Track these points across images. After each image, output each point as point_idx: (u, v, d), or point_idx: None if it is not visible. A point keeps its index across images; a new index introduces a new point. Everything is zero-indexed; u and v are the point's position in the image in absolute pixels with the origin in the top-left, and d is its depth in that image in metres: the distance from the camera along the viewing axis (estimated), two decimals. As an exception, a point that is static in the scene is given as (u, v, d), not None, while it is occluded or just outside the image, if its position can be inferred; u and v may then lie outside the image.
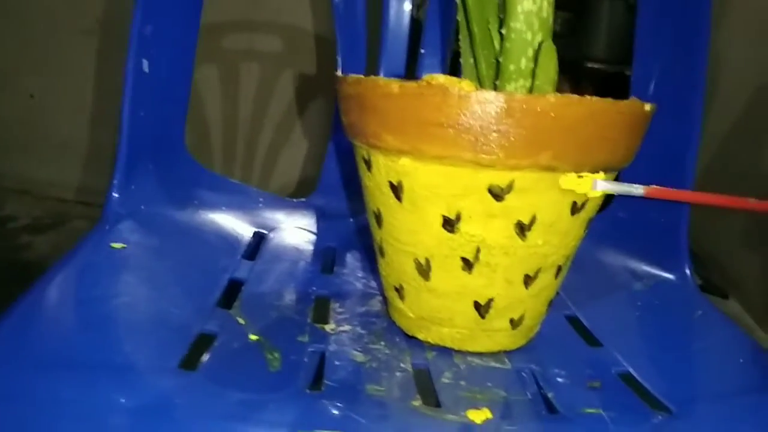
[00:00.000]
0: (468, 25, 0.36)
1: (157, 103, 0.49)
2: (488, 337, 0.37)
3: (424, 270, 0.36)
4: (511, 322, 0.37)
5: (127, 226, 0.44)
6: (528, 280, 0.36)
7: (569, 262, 0.37)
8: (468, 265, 0.35)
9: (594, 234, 0.49)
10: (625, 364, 0.37)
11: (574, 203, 0.34)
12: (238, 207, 0.52)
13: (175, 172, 0.51)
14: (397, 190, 0.35)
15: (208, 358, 0.32)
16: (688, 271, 0.48)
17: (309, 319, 0.39)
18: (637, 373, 0.36)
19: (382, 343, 0.37)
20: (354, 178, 0.60)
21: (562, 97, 0.31)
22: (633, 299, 0.47)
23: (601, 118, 0.32)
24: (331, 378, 0.32)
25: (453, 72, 0.39)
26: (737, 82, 1.15)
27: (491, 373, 0.36)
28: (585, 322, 0.43)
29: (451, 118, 0.31)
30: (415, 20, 0.62)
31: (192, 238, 0.47)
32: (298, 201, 0.57)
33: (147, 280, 0.39)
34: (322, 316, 0.40)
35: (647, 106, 0.34)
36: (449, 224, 0.34)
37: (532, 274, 0.35)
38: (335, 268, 0.48)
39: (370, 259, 0.50)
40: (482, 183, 0.32)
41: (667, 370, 0.37)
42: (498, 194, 0.32)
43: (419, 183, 0.34)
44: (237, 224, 0.51)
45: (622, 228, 0.52)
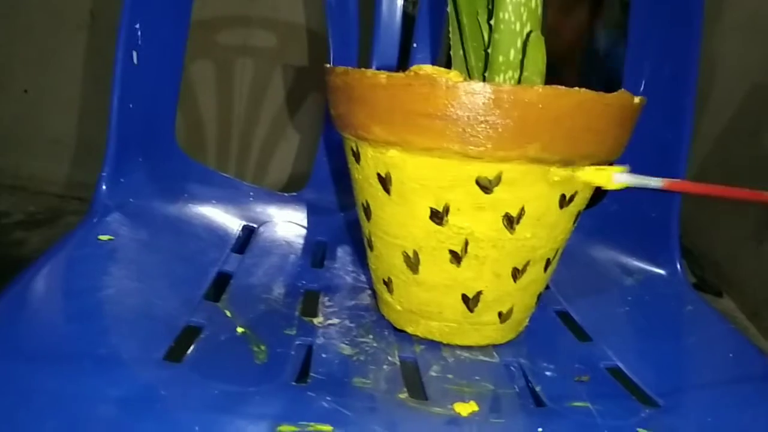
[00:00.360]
0: (457, 16, 0.36)
1: (146, 96, 0.48)
2: (477, 331, 0.37)
3: (413, 263, 0.36)
4: (500, 315, 0.37)
5: (116, 219, 0.44)
6: (516, 273, 0.35)
7: (558, 255, 0.37)
8: (456, 258, 0.35)
9: (585, 229, 0.49)
10: (614, 359, 0.37)
11: (563, 196, 0.34)
12: (228, 201, 0.52)
13: (165, 165, 0.50)
14: (385, 182, 0.35)
15: (194, 350, 0.32)
16: (678, 267, 0.48)
17: (297, 312, 0.39)
18: (625, 367, 0.36)
19: (371, 336, 0.37)
20: (345, 172, 0.60)
21: (550, 88, 0.31)
22: (623, 294, 0.47)
23: (589, 109, 0.32)
24: (318, 371, 0.32)
25: (447, 66, 0.39)
26: (731, 79, 1.15)
27: (479, 367, 0.35)
28: (575, 317, 0.43)
29: (439, 109, 0.31)
30: (407, 15, 0.62)
31: (181, 231, 0.46)
32: (289, 195, 0.57)
33: (134, 273, 0.39)
34: (311, 310, 0.40)
35: (636, 99, 0.34)
36: (437, 216, 0.34)
37: (521, 268, 0.35)
38: (325, 262, 0.48)
39: (361, 254, 0.50)
40: (470, 175, 0.32)
41: (656, 364, 0.37)
42: (486, 186, 0.32)
43: (407, 175, 0.34)
44: (227, 218, 0.51)
45: (613, 223, 0.52)
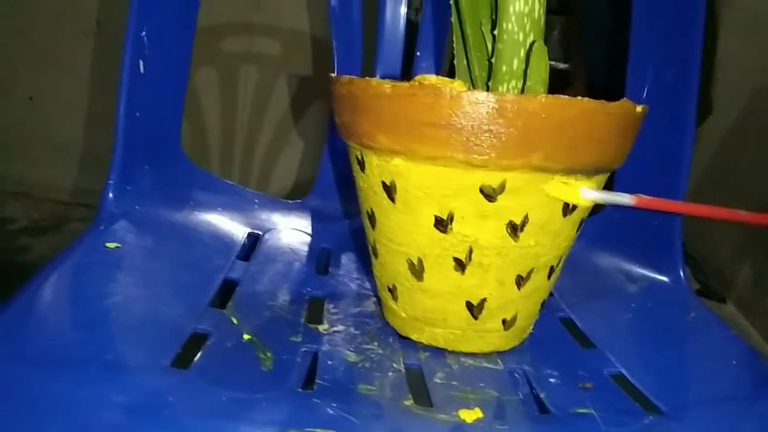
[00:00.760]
0: (461, 26, 0.36)
1: (153, 104, 0.49)
2: (481, 338, 0.37)
3: (417, 270, 0.36)
4: (504, 322, 0.37)
5: (122, 226, 0.44)
6: (520, 281, 0.36)
7: (561, 263, 0.37)
8: (460, 266, 0.35)
9: (588, 236, 0.50)
10: (618, 366, 0.38)
11: (566, 204, 0.34)
12: (233, 208, 0.53)
13: (171, 173, 0.51)
14: (390, 191, 0.35)
15: (201, 357, 0.32)
16: (682, 274, 0.48)
17: (303, 320, 0.39)
18: (629, 374, 0.36)
19: (376, 343, 0.38)
20: (350, 180, 0.60)
21: (553, 97, 0.31)
22: (627, 301, 0.48)
23: (591, 118, 0.32)
24: (324, 377, 0.32)
25: (450, 75, 0.39)
26: (736, 83, 1.15)
27: (484, 374, 0.36)
28: (578, 324, 0.43)
29: (443, 119, 0.31)
30: (411, 23, 0.62)
31: (187, 238, 0.47)
32: (294, 202, 0.57)
33: (141, 280, 0.39)
34: (316, 317, 0.40)
35: (638, 108, 0.34)
36: (442, 224, 0.34)
37: (525, 275, 0.36)
38: (330, 269, 0.48)
39: (365, 261, 0.50)
40: (474, 183, 0.33)
41: (660, 372, 0.38)
42: (490, 195, 0.33)
43: (412, 183, 0.34)
44: (232, 225, 0.51)
45: (616, 230, 0.52)
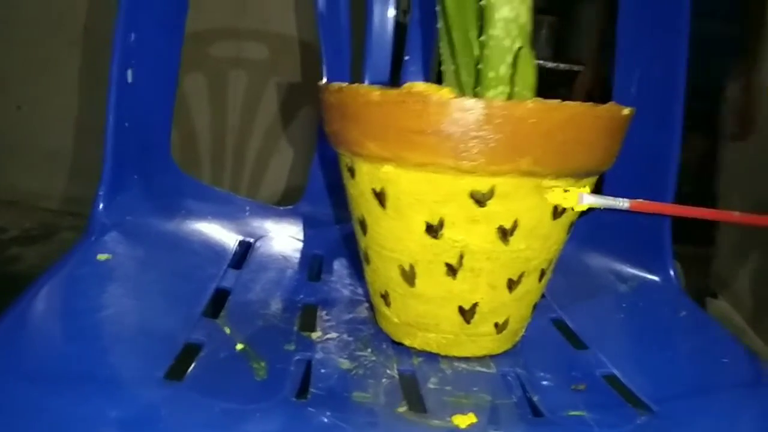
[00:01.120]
0: (448, 32, 0.37)
1: (141, 113, 0.49)
2: (473, 342, 0.37)
3: (409, 276, 0.36)
4: (496, 326, 0.37)
5: (113, 237, 0.44)
6: (511, 285, 0.36)
7: (552, 265, 0.38)
8: (452, 271, 0.35)
9: (579, 237, 0.50)
10: (610, 366, 0.38)
11: (556, 208, 0.34)
12: (224, 216, 0.53)
13: (161, 182, 0.51)
14: (380, 197, 0.35)
15: (195, 368, 0.32)
16: (672, 273, 0.49)
17: (296, 327, 0.39)
18: (621, 375, 0.37)
19: (369, 349, 0.38)
20: (340, 185, 0.60)
21: (540, 102, 0.31)
22: (618, 301, 0.48)
23: (580, 122, 0.33)
24: (317, 386, 0.33)
25: (439, 79, 0.39)
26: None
27: (477, 378, 0.36)
28: (570, 325, 0.44)
29: (432, 126, 0.31)
30: (401, 26, 0.62)
31: (178, 247, 0.47)
32: (285, 209, 0.57)
33: (133, 291, 0.39)
34: (309, 324, 0.40)
35: (625, 110, 0.34)
36: (432, 230, 0.34)
37: (516, 279, 0.36)
38: (322, 276, 0.48)
39: (357, 267, 0.50)
40: (464, 189, 0.33)
41: (651, 371, 0.38)
42: (480, 200, 0.33)
43: (402, 190, 0.34)
44: (223, 233, 0.51)
45: (606, 231, 0.52)
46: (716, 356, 0.41)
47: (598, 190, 0.37)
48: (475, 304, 0.36)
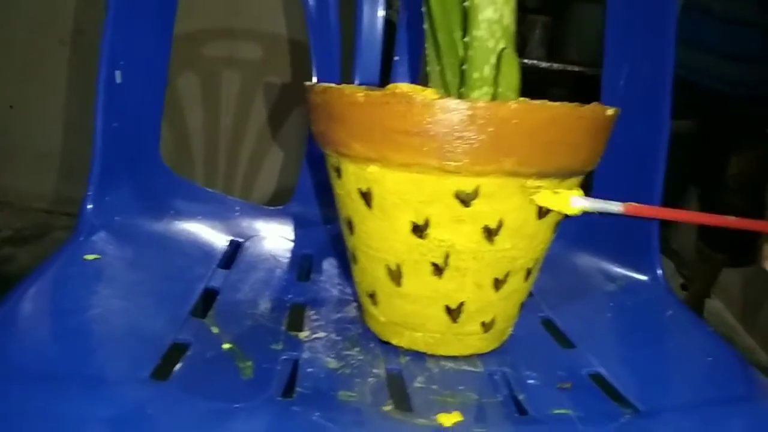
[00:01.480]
0: (434, 33, 0.37)
1: (130, 114, 0.49)
2: (460, 341, 0.38)
3: (396, 276, 0.36)
4: (483, 325, 0.37)
5: (102, 238, 0.44)
6: (498, 284, 0.36)
7: (539, 264, 0.38)
8: (438, 270, 0.35)
9: (567, 236, 0.50)
10: (596, 365, 0.38)
11: (540, 208, 0.35)
12: (214, 216, 0.53)
13: (150, 183, 0.51)
14: (366, 198, 0.35)
15: (181, 368, 0.32)
16: (659, 272, 0.49)
17: (283, 327, 0.39)
18: (607, 373, 0.37)
19: (356, 349, 0.38)
20: (330, 185, 0.60)
21: (524, 103, 0.32)
22: (606, 300, 0.48)
23: (563, 123, 0.33)
24: (304, 385, 0.33)
25: (426, 79, 0.40)
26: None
27: (463, 377, 0.36)
28: (559, 324, 0.44)
29: (416, 126, 0.32)
30: (393, 25, 0.62)
31: (167, 248, 0.47)
32: (275, 209, 0.57)
33: (121, 291, 0.39)
34: (297, 324, 0.40)
35: (609, 111, 0.35)
36: (418, 230, 0.34)
37: (502, 278, 0.36)
38: (311, 276, 0.48)
39: (346, 266, 0.50)
40: (449, 189, 0.33)
41: (637, 370, 0.38)
42: (465, 200, 0.33)
43: (388, 190, 0.34)
44: (213, 233, 0.51)
45: (594, 230, 0.53)
46: (701, 355, 0.41)
47: (586, 189, 0.37)
48: (462, 304, 0.36)
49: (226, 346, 0.35)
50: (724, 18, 1.05)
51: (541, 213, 0.35)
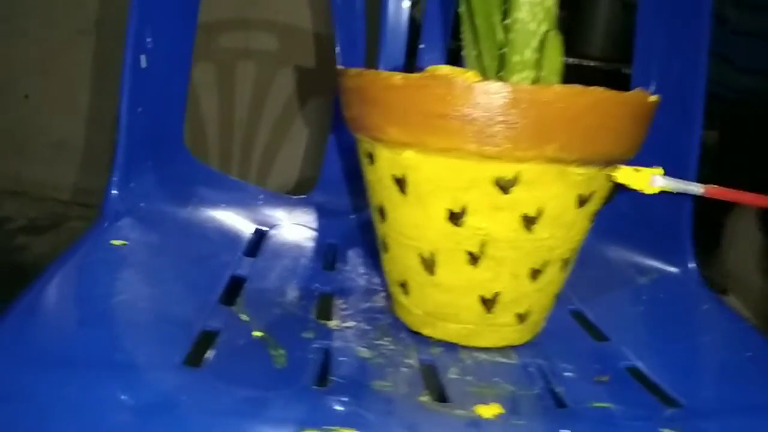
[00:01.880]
0: (471, 16, 0.36)
1: (155, 100, 0.48)
2: (494, 332, 0.37)
3: (429, 264, 0.35)
4: (518, 316, 0.36)
5: (127, 224, 0.43)
6: (534, 274, 0.35)
7: (575, 255, 0.37)
8: (474, 259, 0.34)
9: (597, 228, 0.49)
10: (632, 358, 0.37)
11: (580, 196, 0.34)
12: (237, 204, 0.52)
13: (174, 169, 0.50)
14: (401, 184, 0.35)
15: (213, 355, 0.32)
16: (692, 265, 0.48)
17: (313, 316, 0.39)
18: (644, 367, 0.36)
19: (387, 338, 0.37)
20: (355, 174, 0.59)
21: (567, 87, 0.31)
22: (637, 293, 0.47)
23: (606, 108, 0.32)
24: (337, 374, 0.32)
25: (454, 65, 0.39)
26: None
27: (498, 369, 0.35)
28: (590, 317, 0.43)
29: (456, 110, 0.31)
30: (413, 20, 0.62)
31: (192, 235, 0.46)
32: (299, 198, 0.56)
33: (148, 277, 0.39)
34: (326, 313, 0.39)
35: (651, 97, 0.34)
36: (454, 218, 0.33)
37: (539, 268, 0.35)
38: (337, 265, 0.48)
39: (372, 256, 0.49)
40: (488, 175, 0.32)
41: (675, 364, 0.37)
42: (504, 186, 0.32)
43: (424, 176, 0.33)
44: (237, 221, 0.50)
45: (625, 222, 0.52)
46: (738, 349, 0.40)
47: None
48: (497, 294, 0.35)
49: (257, 334, 0.35)
50: (737, 29, 1.03)
51: (581, 201, 0.34)
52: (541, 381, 0.34)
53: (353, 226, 0.55)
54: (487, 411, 0.30)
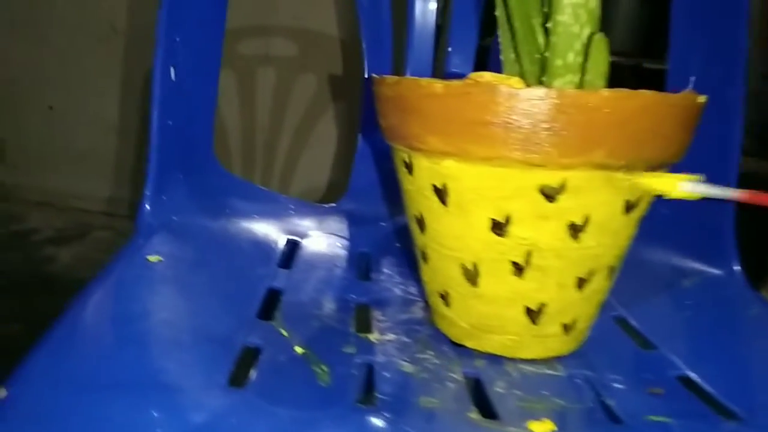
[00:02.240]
0: (509, 20, 0.35)
1: (184, 112, 0.48)
2: (540, 344, 0.36)
3: (472, 275, 0.35)
4: (564, 326, 0.35)
5: (161, 238, 0.43)
6: (581, 283, 0.34)
7: (621, 262, 0.36)
8: (519, 270, 0.33)
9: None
10: (683, 367, 0.36)
11: (627, 202, 0.33)
12: (269, 215, 0.52)
13: (205, 181, 0.50)
14: (441, 194, 0.34)
15: (256, 374, 0.31)
16: (736, 267, 0.47)
17: (352, 329, 0.38)
18: (697, 377, 0.35)
19: (430, 352, 0.36)
20: (384, 181, 0.59)
21: (614, 91, 0.30)
22: (681, 298, 0.46)
23: (654, 111, 0.31)
24: (382, 391, 0.31)
25: (479, 69, 0.38)
26: None
27: (545, 381, 0.34)
28: (634, 323, 0.42)
29: (499, 117, 0.30)
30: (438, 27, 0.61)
31: (226, 247, 0.46)
32: (329, 206, 0.56)
33: (186, 293, 0.38)
34: (365, 325, 0.39)
35: (700, 98, 0.33)
36: (498, 227, 0.33)
37: (585, 277, 0.34)
38: (371, 275, 0.47)
39: (407, 264, 0.49)
40: (533, 183, 0.31)
41: (729, 373, 0.36)
42: (550, 195, 0.31)
43: (465, 185, 0.33)
44: (270, 232, 0.50)
45: (664, 224, 0.50)
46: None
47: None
48: (543, 305, 0.34)
49: (299, 350, 0.34)
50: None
51: (628, 207, 0.33)
52: (591, 393, 0.33)
53: (385, 233, 0.55)
54: (540, 428, 0.29)
